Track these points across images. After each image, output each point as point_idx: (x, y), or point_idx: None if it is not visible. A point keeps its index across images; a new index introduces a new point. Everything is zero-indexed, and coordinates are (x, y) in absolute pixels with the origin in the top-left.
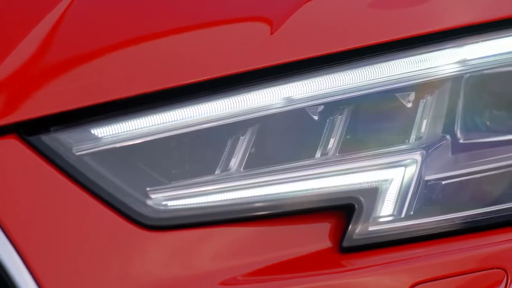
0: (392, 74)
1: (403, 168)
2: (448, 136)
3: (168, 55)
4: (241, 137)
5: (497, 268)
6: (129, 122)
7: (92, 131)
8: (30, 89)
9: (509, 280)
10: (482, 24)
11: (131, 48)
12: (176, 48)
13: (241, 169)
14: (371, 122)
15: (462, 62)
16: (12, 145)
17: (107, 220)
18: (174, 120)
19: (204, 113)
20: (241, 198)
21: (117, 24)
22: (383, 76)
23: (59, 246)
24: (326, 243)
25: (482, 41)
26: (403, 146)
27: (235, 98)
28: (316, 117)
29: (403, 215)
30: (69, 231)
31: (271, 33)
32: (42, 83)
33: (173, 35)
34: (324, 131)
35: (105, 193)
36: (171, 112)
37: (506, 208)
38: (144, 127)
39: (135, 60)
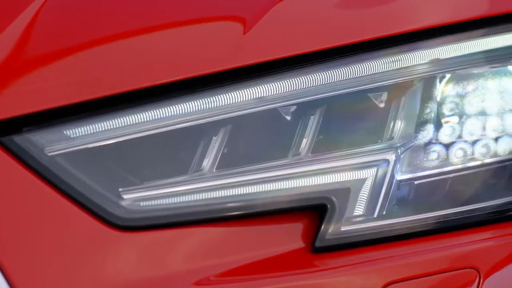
0: (365, 75)
1: (375, 168)
2: (420, 136)
3: (140, 55)
4: (214, 138)
5: (470, 268)
6: (102, 123)
7: (65, 132)
8: (2, 89)
9: (481, 280)
10: (454, 25)
11: (102, 48)
12: (148, 47)
13: (214, 170)
14: (344, 122)
15: (435, 62)
16: None
17: (80, 220)
18: (147, 121)
19: (177, 114)
20: (213, 198)
21: (89, 23)
22: (356, 76)
23: (31, 247)
24: (299, 243)
25: (454, 41)
26: (376, 146)
27: (208, 98)
28: (288, 117)
29: (375, 215)
30: (42, 232)
31: (244, 33)
32: (14, 83)
33: (146, 35)
34: (297, 131)
35: (78, 193)
36: (143, 113)
37: (478, 208)
38: (116, 128)
39: (107, 60)
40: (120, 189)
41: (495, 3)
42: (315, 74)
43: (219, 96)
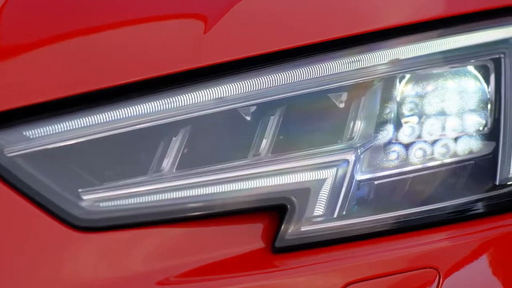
0: (325, 75)
1: (335, 168)
2: (380, 136)
3: (98, 55)
4: (174, 138)
5: (429, 267)
6: (61, 123)
7: (24, 132)
8: None
9: (441, 280)
10: (414, 25)
11: (60, 47)
12: (107, 47)
13: (174, 170)
14: (304, 122)
15: (394, 62)
16: None
17: (39, 222)
18: (106, 121)
19: (136, 114)
20: (173, 198)
21: (48, 22)
22: (316, 76)
23: None
24: (259, 244)
25: (413, 41)
26: (336, 147)
27: (167, 98)
28: (248, 118)
29: (335, 215)
30: (0, 233)
31: (204, 32)
32: None
33: (104, 34)
34: (257, 131)
35: (37, 194)
36: (103, 113)
37: (438, 207)
38: (76, 128)
39: (66, 60)
40: (80, 190)
41: (454, 4)
42: (275, 75)
43: (178, 97)
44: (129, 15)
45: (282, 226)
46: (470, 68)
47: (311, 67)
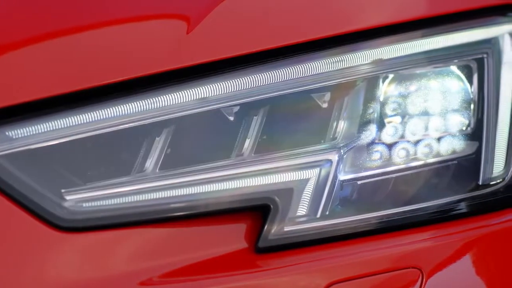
0: (308, 75)
1: (318, 168)
2: (363, 136)
3: (81, 55)
4: (157, 138)
5: (413, 267)
6: (45, 123)
7: (7, 133)
8: None
9: (424, 279)
10: (397, 25)
11: (44, 47)
12: (89, 47)
13: (157, 170)
14: (287, 122)
15: (377, 62)
16: None
17: (22, 222)
18: (89, 121)
19: (119, 114)
20: (156, 199)
21: (30, 22)
22: (299, 76)
23: None
24: (242, 244)
25: (396, 41)
26: (319, 147)
27: (150, 99)
28: (231, 118)
29: (318, 215)
30: None
31: (187, 32)
32: None
33: (87, 33)
34: (240, 131)
35: (20, 194)
36: (86, 113)
37: (421, 207)
38: (59, 128)
39: (48, 60)
40: (63, 190)
41: (436, 4)
42: (258, 75)
43: (162, 97)
44: (112, 15)
45: (265, 226)
46: (453, 68)
47: (294, 67)
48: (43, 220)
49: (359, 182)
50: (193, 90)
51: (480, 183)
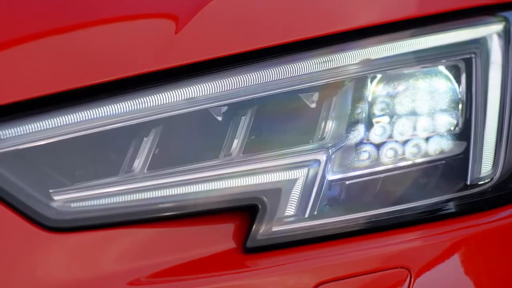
0: (296, 75)
1: (306, 168)
2: (351, 136)
3: (69, 55)
4: (145, 138)
5: (401, 267)
6: (32, 124)
7: None
8: None
9: (412, 279)
10: (385, 25)
11: (31, 47)
12: (77, 47)
13: (145, 170)
14: (275, 122)
15: (365, 62)
16: None
17: (10, 222)
18: (77, 122)
19: (108, 115)
20: (145, 199)
21: (16, 22)
22: (287, 76)
23: None
24: (230, 244)
25: (385, 41)
26: (307, 147)
27: (138, 99)
28: (220, 118)
29: (306, 215)
30: None
31: (176, 32)
32: None
33: (75, 34)
34: (228, 132)
35: (8, 195)
36: (74, 114)
37: (409, 207)
38: (47, 129)
39: (35, 61)
40: (51, 191)
41: (425, 4)
42: (246, 75)
43: (149, 97)
44: (100, 15)
45: (254, 226)
46: (441, 68)
47: (282, 67)
48: (31, 221)
49: (347, 182)
50: (181, 90)
51: (468, 183)
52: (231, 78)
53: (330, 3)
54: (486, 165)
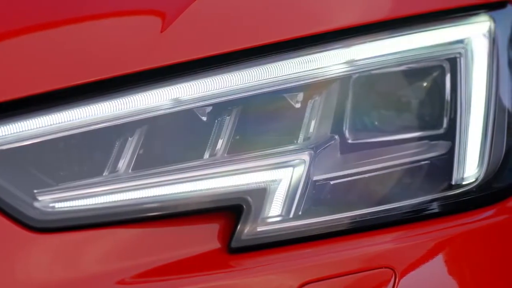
0: (280, 75)
1: (291, 168)
2: (336, 136)
3: (53, 55)
4: (130, 139)
5: (385, 267)
6: (16, 124)
7: None
8: None
9: (397, 279)
10: (369, 25)
11: (15, 46)
12: (61, 46)
13: (130, 171)
14: (260, 122)
15: (350, 62)
16: None
17: None
18: (61, 122)
19: (92, 115)
20: (129, 199)
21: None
22: (271, 76)
23: None
24: (215, 244)
25: (369, 41)
26: (292, 147)
27: (122, 99)
28: (204, 118)
29: (291, 215)
30: None
31: (161, 31)
32: None
33: (60, 32)
34: (213, 132)
35: None
36: (58, 114)
37: (394, 207)
38: (31, 129)
39: (18, 60)
40: (35, 191)
41: (409, 4)
42: (231, 75)
43: (134, 97)
44: (85, 12)
45: (238, 227)
46: (426, 68)
47: (267, 67)
48: (15, 221)
49: (332, 182)
50: (166, 90)
51: (453, 183)
52: (216, 78)
53: (315, 3)
54: (471, 166)
